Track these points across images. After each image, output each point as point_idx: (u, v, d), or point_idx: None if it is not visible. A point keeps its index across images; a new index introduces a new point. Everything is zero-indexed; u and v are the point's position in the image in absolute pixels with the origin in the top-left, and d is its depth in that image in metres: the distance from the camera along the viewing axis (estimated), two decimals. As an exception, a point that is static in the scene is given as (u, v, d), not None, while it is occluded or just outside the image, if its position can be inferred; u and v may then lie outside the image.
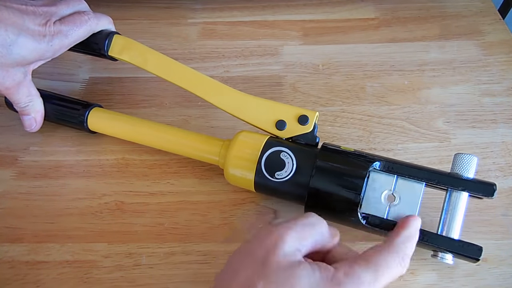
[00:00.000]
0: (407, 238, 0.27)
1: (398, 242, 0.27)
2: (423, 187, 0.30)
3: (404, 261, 0.26)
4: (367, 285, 0.24)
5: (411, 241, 0.27)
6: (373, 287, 0.24)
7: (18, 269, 0.33)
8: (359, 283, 0.24)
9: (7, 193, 0.38)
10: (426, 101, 0.43)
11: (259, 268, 0.24)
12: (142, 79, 0.46)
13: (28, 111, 0.38)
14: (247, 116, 0.35)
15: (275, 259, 0.24)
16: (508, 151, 0.40)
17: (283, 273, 0.24)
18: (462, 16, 0.52)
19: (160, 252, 0.34)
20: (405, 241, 0.27)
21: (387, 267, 0.25)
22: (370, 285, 0.24)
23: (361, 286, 0.24)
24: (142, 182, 0.38)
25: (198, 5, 0.53)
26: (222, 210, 0.36)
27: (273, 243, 0.25)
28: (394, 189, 0.31)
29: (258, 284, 0.23)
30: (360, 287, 0.24)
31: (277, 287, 0.23)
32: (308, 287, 0.23)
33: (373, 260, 0.25)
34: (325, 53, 0.48)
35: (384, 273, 0.25)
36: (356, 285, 0.24)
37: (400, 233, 0.27)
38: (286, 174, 0.32)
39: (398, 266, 0.26)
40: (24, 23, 0.33)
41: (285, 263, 0.24)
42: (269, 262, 0.24)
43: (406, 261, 0.26)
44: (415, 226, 0.28)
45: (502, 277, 0.32)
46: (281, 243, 0.25)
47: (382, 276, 0.25)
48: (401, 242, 0.27)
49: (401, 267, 0.26)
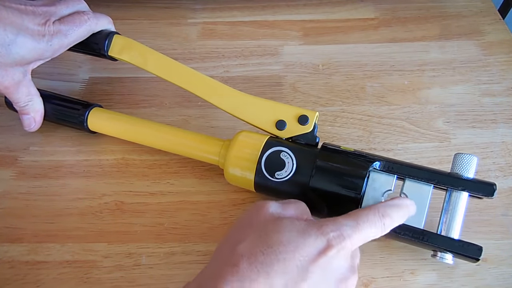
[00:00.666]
0: (391, 204, 0.28)
1: (381, 205, 0.28)
2: (431, 189, 0.30)
3: (385, 218, 0.27)
4: (349, 227, 0.26)
5: (396, 208, 0.28)
6: (354, 231, 0.26)
7: (18, 269, 0.33)
8: (340, 225, 0.26)
9: (7, 193, 0.38)
10: (426, 101, 0.43)
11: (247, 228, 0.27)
12: (142, 79, 0.46)
13: (27, 111, 0.38)
14: (247, 116, 0.35)
15: (261, 218, 0.27)
16: (508, 151, 0.40)
17: (270, 223, 0.27)
18: (462, 16, 0.52)
19: (160, 252, 0.34)
20: (389, 205, 0.28)
21: (367, 219, 0.27)
22: (351, 228, 0.26)
23: (342, 227, 0.26)
24: (142, 182, 0.38)
25: (198, 5, 0.53)
26: (222, 210, 0.36)
27: (258, 209, 0.28)
28: (402, 190, 0.31)
29: (248, 237, 0.26)
30: (342, 227, 0.26)
31: (265, 235, 0.26)
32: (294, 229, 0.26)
33: (353, 213, 0.28)
34: (325, 53, 0.48)
35: (364, 223, 0.26)
36: (338, 225, 0.26)
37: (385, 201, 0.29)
38: (286, 174, 0.32)
39: (378, 220, 0.27)
40: (23, 22, 0.34)
41: (271, 218, 0.27)
42: (255, 221, 0.27)
43: (387, 220, 0.27)
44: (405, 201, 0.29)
45: (502, 277, 0.32)
46: (266, 207, 0.28)
47: (362, 225, 0.26)
48: (384, 205, 0.28)
49: (381, 222, 0.27)
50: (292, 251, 0.24)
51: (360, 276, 0.32)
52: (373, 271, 0.33)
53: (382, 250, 0.34)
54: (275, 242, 0.25)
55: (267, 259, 0.24)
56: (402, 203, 0.29)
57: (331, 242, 0.25)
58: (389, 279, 0.32)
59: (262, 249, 0.25)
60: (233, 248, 0.25)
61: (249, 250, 0.25)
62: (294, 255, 0.24)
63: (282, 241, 0.25)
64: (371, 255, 0.34)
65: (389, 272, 0.33)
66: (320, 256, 0.25)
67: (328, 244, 0.25)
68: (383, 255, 0.34)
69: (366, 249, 0.34)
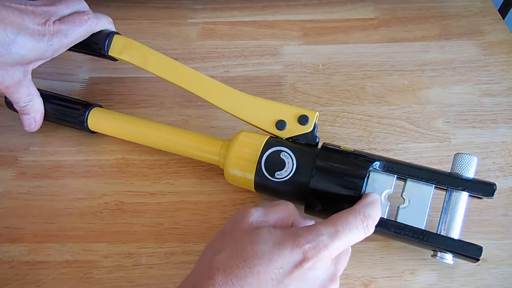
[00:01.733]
0: (369, 202, 0.28)
1: (359, 205, 0.28)
2: (432, 189, 0.30)
3: (367, 219, 0.27)
4: (327, 236, 0.25)
5: (373, 205, 0.28)
6: (333, 239, 0.25)
7: (18, 269, 0.33)
8: (317, 234, 0.25)
9: (7, 193, 0.38)
10: (426, 101, 0.43)
11: (226, 237, 0.27)
12: (142, 79, 0.46)
13: (27, 111, 0.38)
14: (247, 116, 0.35)
15: (240, 227, 0.27)
16: (508, 151, 0.40)
17: (247, 235, 0.26)
18: (462, 16, 0.52)
19: (160, 252, 0.34)
20: (367, 205, 0.28)
21: (346, 224, 0.26)
22: (330, 237, 0.25)
23: (319, 237, 0.25)
24: (142, 182, 0.38)
25: (198, 5, 0.53)
26: (222, 210, 0.36)
27: (241, 217, 0.28)
28: (404, 191, 0.31)
29: (226, 248, 0.26)
30: (320, 237, 0.25)
31: (241, 247, 0.25)
32: (269, 241, 0.25)
33: (332, 219, 0.27)
34: (325, 53, 0.48)
35: (344, 229, 0.26)
36: (315, 236, 0.25)
37: (361, 201, 0.29)
38: (286, 174, 0.32)
39: (360, 223, 0.27)
40: (24, 22, 0.34)
41: (249, 228, 0.27)
42: (235, 230, 0.27)
43: (370, 221, 0.27)
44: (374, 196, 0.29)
45: (502, 277, 0.32)
46: (247, 216, 0.28)
47: (342, 231, 0.26)
48: (362, 205, 0.28)
49: (362, 226, 0.27)
50: (266, 264, 0.24)
51: (360, 276, 0.32)
52: (373, 271, 0.33)
53: (382, 250, 0.34)
54: (250, 255, 0.25)
55: (241, 272, 0.24)
56: (375, 198, 0.29)
57: (307, 254, 0.24)
58: (389, 279, 0.32)
59: (237, 262, 0.24)
60: (212, 258, 0.25)
61: (225, 262, 0.25)
62: (268, 267, 0.24)
63: (257, 254, 0.25)
64: (371, 255, 0.34)
65: (389, 272, 0.33)
66: (296, 268, 0.24)
67: (304, 257, 0.24)
68: (383, 255, 0.34)
69: (366, 249, 0.34)
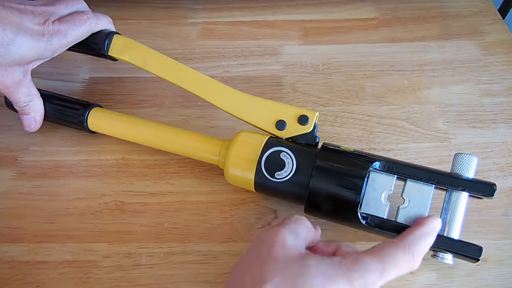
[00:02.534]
0: (420, 235, 0.27)
1: (409, 238, 0.27)
2: (432, 189, 0.30)
3: (415, 257, 0.26)
4: (375, 272, 0.24)
5: (425, 238, 0.27)
6: (380, 276, 0.24)
7: (18, 269, 0.33)
8: (366, 270, 0.24)
9: (7, 193, 0.38)
10: (426, 101, 0.43)
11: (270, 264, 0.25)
12: (142, 79, 0.46)
13: (27, 111, 0.38)
14: (247, 116, 0.35)
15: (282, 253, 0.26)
16: (508, 151, 0.40)
17: (294, 264, 0.25)
18: (462, 16, 0.52)
19: (160, 252, 0.34)
20: (417, 238, 0.27)
21: (394, 260, 0.25)
22: (377, 274, 0.24)
23: (368, 273, 0.24)
24: (142, 182, 0.38)
25: (198, 5, 0.53)
26: (222, 210, 0.36)
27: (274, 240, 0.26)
28: (404, 191, 0.31)
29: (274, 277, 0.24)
30: (368, 274, 0.24)
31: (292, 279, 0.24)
32: (319, 272, 0.24)
33: (380, 252, 0.26)
34: (325, 53, 0.48)
35: (391, 265, 0.25)
36: (364, 271, 0.24)
37: (413, 231, 0.27)
38: (286, 174, 0.32)
39: (407, 261, 0.26)
40: (23, 22, 0.34)
41: (292, 254, 0.26)
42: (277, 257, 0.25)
43: (417, 258, 0.26)
44: (432, 225, 0.28)
45: (502, 277, 0.32)
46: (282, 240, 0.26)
47: (389, 268, 0.25)
48: (412, 238, 0.27)
49: (410, 262, 0.26)
50: None
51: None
52: (373, 271, 0.33)
53: None
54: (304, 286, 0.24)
55: None
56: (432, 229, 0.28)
57: None
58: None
59: None
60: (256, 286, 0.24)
61: None
62: None
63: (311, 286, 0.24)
64: (371, 255, 0.33)
65: (389, 272, 0.33)
66: None
67: None
68: (383, 255, 0.33)
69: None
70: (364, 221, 0.31)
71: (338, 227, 0.34)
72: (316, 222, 0.32)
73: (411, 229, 0.28)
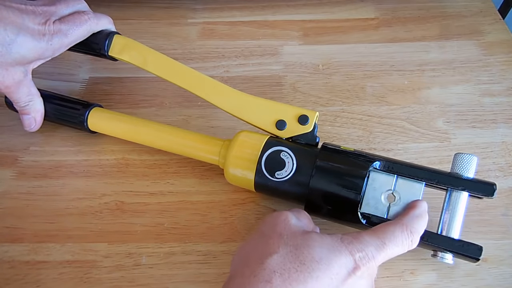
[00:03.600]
0: (414, 215, 0.28)
1: (406, 218, 0.28)
2: (423, 187, 0.30)
3: (413, 235, 0.27)
4: (374, 248, 0.26)
5: (419, 219, 0.28)
6: (380, 251, 0.26)
7: (18, 269, 0.33)
8: (367, 244, 0.26)
9: (7, 193, 0.38)
10: (426, 101, 0.43)
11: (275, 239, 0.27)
12: (142, 79, 0.46)
13: (28, 111, 0.38)
14: (247, 116, 0.35)
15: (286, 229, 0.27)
16: (508, 151, 0.40)
17: (299, 238, 0.26)
18: (462, 16, 0.52)
19: (160, 252, 0.34)
20: (413, 218, 0.28)
21: (393, 237, 0.27)
22: (377, 249, 0.26)
23: (368, 247, 0.26)
24: (142, 182, 0.38)
25: (198, 5, 0.53)
26: (222, 210, 0.36)
27: (280, 219, 0.28)
28: (394, 188, 0.31)
29: (278, 249, 0.26)
30: (368, 248, 0.26)
31: (297, 250, 0.25)
32: (324, 245, 0.25)
33: (379, 230, 0.27)
34: (325, 53, 0.48)
35: (390, 242, 0.26)
36: (364, 245, 0.26)
37: (409, 212, 0.29)
38: (286, 174, 0.32)
39: (405, 238, 0.27)
40: (24, 22, 0.34)
41: (298, 231, 0.27)
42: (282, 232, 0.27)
43: (415, 236, 0.27)
44: (423, 207, 0.29)
45: (502, 277, 0.32)
46: (287, 219, 0.28)
47: (389, 244, 0.26)
48: (408, 218, 0.28)
49: (408, 240, 0.27)
50: (325, 269, 0.24)
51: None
52: (373, 271, 0.33)
53: None
54: (308, 259, 0.25)
55: (300, 276, 0.24)
56: (423, 210, 0.29)
57: (358, 263, 0.25)
58: (389, 279, 0.32)
59: (295, 266, 0.24)
60: (263, 260, 0.25)
61: (282, 265, 0.24)
62: (326, 273, 0.24)
63: (314, 258, 0.25)
64: (371, 255, 0.34)
65: (389, 272, 0.33)
66: (350, 276, 0.25)
67: (356, 265, 0.25)
68: (383, 255, 0.33)
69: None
70: (364, 220, 0.31)
71: (338, 227, 0.34)
72: (316, 222, 0.32)
73: (406, 211, 0.29)
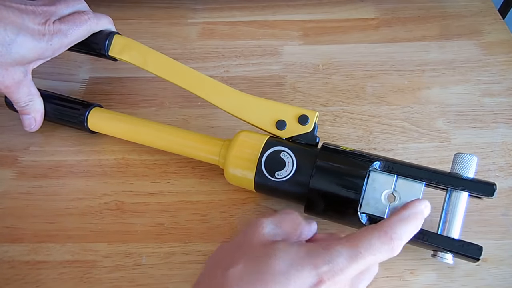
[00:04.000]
0: (399, 219, 0.26)
1: (386, 223, 0.25)
2: (423, 187, 0.30)
3: (393, 241, 0.25)
4: (346, 258, 0.24)
5: (405, 222, 0.26)
6: (353, 262, 0.24)
7: (18, 269, 0.33)
8: (335, 255, 0.24)
9: (7, 193, 0.38)
10: (426, 101, 0.43)
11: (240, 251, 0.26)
12: (142, 79, 0.46)
13: (28, 111, 0.38)
14: (247, 116, 0.35)
15: (254, 240, 0.27)
16: (508, 151, 0.40)
17: (262, 250, 0.26)
18: (462, 16, 0.52)
19: (160, 252, 0.34)
20: (396, 222, 0.25)
21: (369, 244, 0.24)
22: (349, 259, 0.24)
23: (336, 258, 0.24)
24: (142, 182, 0.38)
25: (198, 5, 0.53)
26: (222, 210, 0.36)
27: (254, 228, 0.28)
28: (394, 188, 0.31)
29: (239, 262, 0.25)
30: (338, 259, 0.24)
31: (258, 261, 0.25)
32: (286, 257, 0.24)
33: (354, 237, 0.25)
34: (325, 53, 0.48)
35: (365, 250, 0.24)
36: (332, 256, 0.24)
37: (392, 215, 0.26)
38: (286, 174, 0.32)
39: (384, 245, 0.24)
40: (24, 22, 0.34)
41: (264, 241, 0.27)
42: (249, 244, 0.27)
43: (396, 243, 0.25)
44: (415, 209, 0.27)
45: (502, 277, 0.32)
46: (260, 227, 0.27)
47: (364, 253, 0.24)
48: (389, 222, 0.25)
49: (388, 247, 0.24)
50: (283, 283, 0.23)
51: (360, 276, 0.32)
52: (373, 271, 0.33)
53: None
54: (268, 272, 0.24)
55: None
56: (413, 212, 0.26)
57: (323, 277, 0.24)
58: (389, 279, 0.32)
59: (254, 279, 0.24)
60: (226, 271, 0.25)
61: (241, 276, 0.24)
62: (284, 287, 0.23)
63: (274, 271, 0.24)
64: (371, 255, 0.33)
65: (389, 272, 0.33)
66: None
67: (319, 279, 0.24)
68: (383, 255, 0.33)
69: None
70: (364, 221, 0.31)
71: (339, 226, 0.34)
72: (316, 222, 0.32)
73: (391, 214, 0.27)
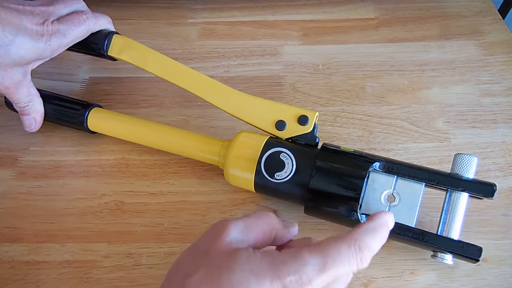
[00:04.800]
0: (367, 229, 0.24)
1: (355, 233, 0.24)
2: (423, 188, 0.30)
3: (362, 252, 0.23)
4: (313, 268, 0.23)
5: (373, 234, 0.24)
6: (320, 272, 0.23)
7: (18, 269, 0.33)
8: (302, 265, 0.23)
9: (7, 193, 0.38)
10: (426, 101, 0.43)
11: (201, 258, 0.24)
12: (142, 79, 0.46)
13: (27, 111, 0.38)
14: (247, 116, 0.35)
15: (217, 247, 0.24)
16: (508, 151, 0.40)
17: (223, 258, 0.24)
18: (462, 16, 0.52)
19: (160, 252, 0.34)
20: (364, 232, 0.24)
21: (337, 254, 0.23)
22: (316, 269, 0.23)
23: (304, 268, 0.22)
24: (142, 182, 0.38)
25: (198, 5, 0.53)
26: (222, 210, 0.36)
27: (217, 233, 0.25)
28: (394, 189, 0.31)
29: (199, 270, 0.23)
30: (303, 269, 0.22)
31: (217, 271, 0.23)
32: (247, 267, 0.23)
33: (322, 246, 0.24)
34: (325, 53, 0.48)
35: (333, 260, 0.23)
36: (300, 266, 0.23)
37: (361, 225, 0.25)
38: (286, 174, 0.32)
39: (352, 256, 0.23)
40: (22, 22, 0.34)
41: (226, 250, 0.24)
42: (211, 250, 0.24)
43: (365, 253, 0.24)
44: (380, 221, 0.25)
45: (502, 277, 0.32)
46: (225, 233, 0.25)
47: (330, 263, 0.23)
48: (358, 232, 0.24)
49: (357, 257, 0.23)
50: None
51: (360, 276, 0.32)
52: (373, 271, 0.33)
53: (382, 250, 0.33)
54: (225, 283, 0.22)
55: None
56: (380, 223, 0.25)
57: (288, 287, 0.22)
58: (389, 279, 0.32)
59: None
60: (184, 279, 0.23)
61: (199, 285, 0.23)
62: None
63: (233, 283, 0.22)
64: (371, 255, 0.34)
65: (389, 272, 0.33)
66: None
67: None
68: (383, 255, 0.33)
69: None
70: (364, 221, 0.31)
71: (338, 227, 0.34)
72: (316, 222, 0.32)
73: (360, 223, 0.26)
